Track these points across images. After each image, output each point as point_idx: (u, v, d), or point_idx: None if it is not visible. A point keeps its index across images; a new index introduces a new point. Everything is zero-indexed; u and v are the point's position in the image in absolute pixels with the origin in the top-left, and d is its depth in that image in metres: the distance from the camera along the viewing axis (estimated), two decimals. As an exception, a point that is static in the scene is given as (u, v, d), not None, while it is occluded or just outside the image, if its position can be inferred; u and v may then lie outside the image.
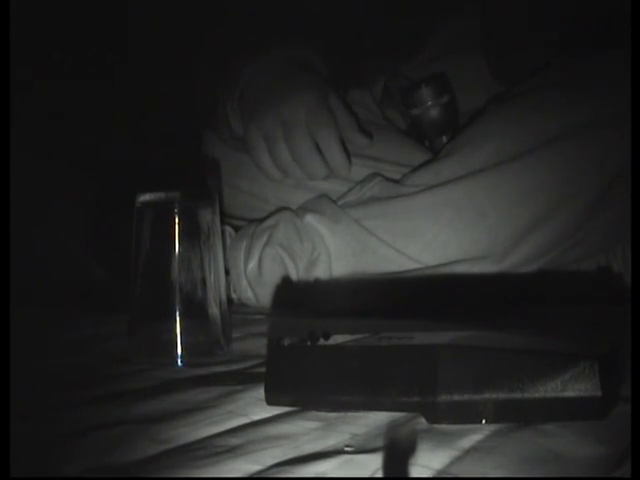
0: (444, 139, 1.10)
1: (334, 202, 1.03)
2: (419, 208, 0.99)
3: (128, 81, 1.31)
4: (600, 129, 0.97)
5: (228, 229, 1.05)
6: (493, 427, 0.48)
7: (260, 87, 1.01)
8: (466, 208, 0.97)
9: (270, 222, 1.03)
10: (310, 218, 1.00)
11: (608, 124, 0.96)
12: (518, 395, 0.48)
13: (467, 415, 0.48)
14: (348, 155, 1.00)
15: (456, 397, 0.48)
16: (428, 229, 0.98)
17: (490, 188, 0.97)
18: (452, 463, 0.43)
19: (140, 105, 1.30)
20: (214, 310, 0.70)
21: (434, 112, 1.10)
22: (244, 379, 0.61)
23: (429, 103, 1.10)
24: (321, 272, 0.99)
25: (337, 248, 0.99)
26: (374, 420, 0.50)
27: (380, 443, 0.46)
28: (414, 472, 0.41)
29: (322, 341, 0.54)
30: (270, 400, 0.53)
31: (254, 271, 1.01)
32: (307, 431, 0.48)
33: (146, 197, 0.70)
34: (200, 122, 1.14)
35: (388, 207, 1.00)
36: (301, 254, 1.00)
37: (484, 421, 0.48)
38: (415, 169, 1.04)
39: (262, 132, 0.99)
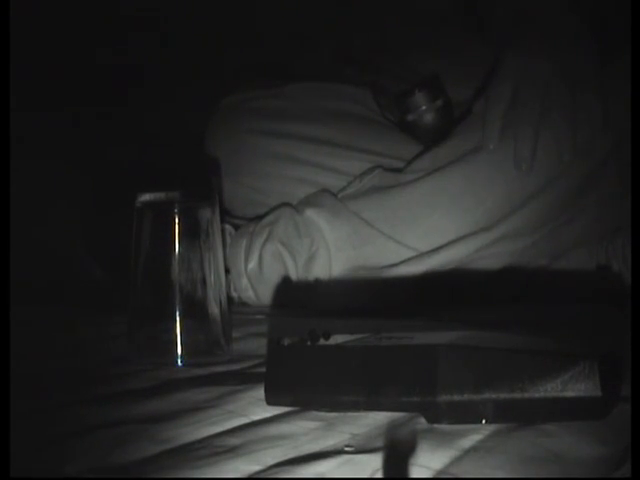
0: (440, 142, 1.10)
1: (334, 196, 1.03)
2: (416, 195, 0.99)
3: (129, 80, 1.31)
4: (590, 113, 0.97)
5: (228, 228, 1.05)
6: (493, 427, 0.48)
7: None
8: (463, 193, 0.97)
9: (270, 219, 1.03)
10: (310, 212, 1.00)
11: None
12: (518, 395, 0.48)
13: (467, 415, 0.48)
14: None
15: (456, 397, 0.48)
16: (426, 217, 0.98)
17: (486, 172, 0.97)
18: (452, 463, 0.43)
19: (140, 104, 1.30)
20: (214, 310, 0.70)
21: (429, 117, 1.11)
22: (244, 379, 0.61)
23: (423, 108, 1.10)
24: (320, 266, 0.99)
25: (336, 241, 0.99)
26: (374, 420, 0.50)
27: (380, 443, 0.46)
28: (414, 472, 0.41)
29: (322, 341, 0.54)
30: (270, 400, 0.53)
31: (254, 270, 1.01)
32: (307, 431, 0.48)
33: (146, 197, 0.70)
34: (200, 121, 1.14)
35: (386, 196, 1.00)
36: (300, 250, 1.00)
37: (484, 421, 0.48)
38: (415, 157, 1.04)
39: None
